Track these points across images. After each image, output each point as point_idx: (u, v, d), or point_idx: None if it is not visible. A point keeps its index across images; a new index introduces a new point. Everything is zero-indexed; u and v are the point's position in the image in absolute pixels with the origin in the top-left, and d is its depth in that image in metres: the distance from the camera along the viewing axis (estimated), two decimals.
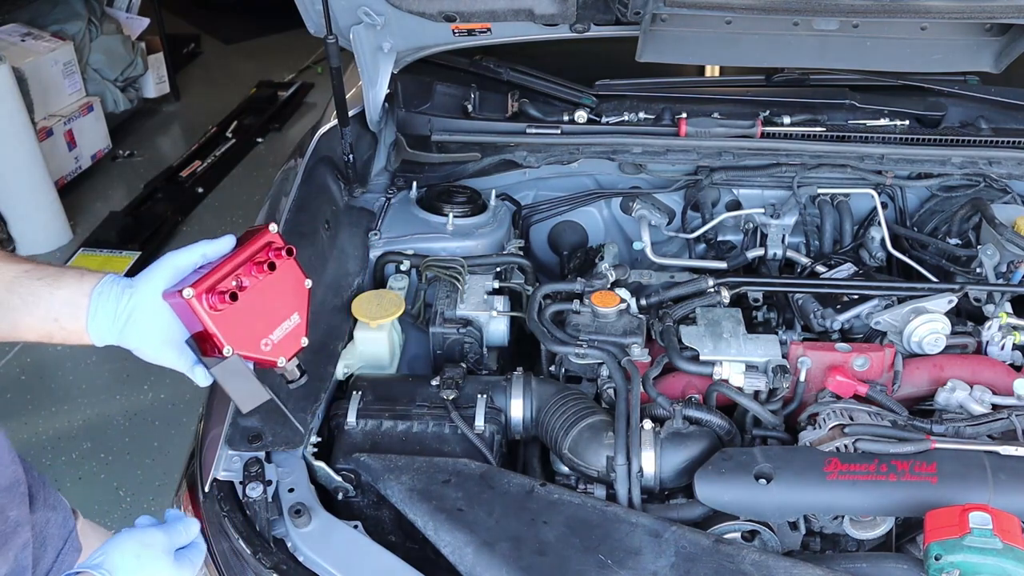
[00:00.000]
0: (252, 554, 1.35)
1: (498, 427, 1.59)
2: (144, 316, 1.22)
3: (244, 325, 1.21)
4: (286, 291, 1.26)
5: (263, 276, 1.23)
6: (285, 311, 1.26)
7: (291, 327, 1.26)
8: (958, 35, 1.99)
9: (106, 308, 1.22)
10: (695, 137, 2.13)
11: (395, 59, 2.08)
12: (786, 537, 1.46)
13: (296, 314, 1.27)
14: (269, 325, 1.24)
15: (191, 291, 1.17)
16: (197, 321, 1.19)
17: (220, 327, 1.19)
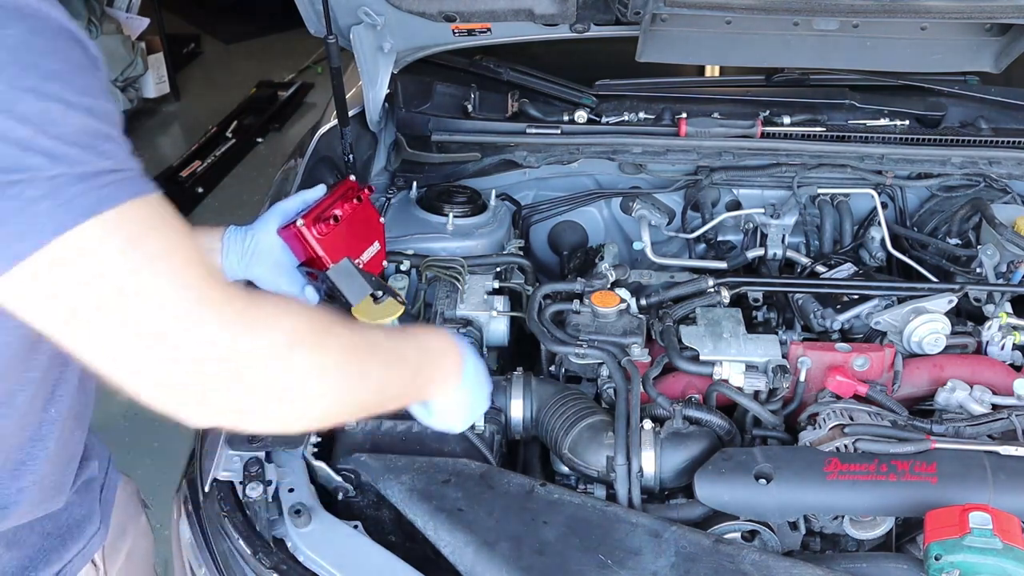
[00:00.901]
0: (252, 554, 1.35)
1: (498, 427, 1.59)
2: (263, 250, 1.54)
3: (341, 248, 1.56)
4: (368, 223, 1.65)
5: (352, 208, 1.60)
6: (368, 239, 1.65)
7: (374, 252, 1.67)
8: (958, 35, 1.99)
9: (235, 247, 1.53)
10: (695, 137, 2.13)
11: (395, 59, 2.08)
12: (786, 537, 1.46)
13: (376, 243, 1.67)
14: (359, 249, 1.63)
15: (302, 221, 1.53)
16: (305, 249, 1.54)
17: (325, 248, 1.54)
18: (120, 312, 0.86)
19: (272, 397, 0.94)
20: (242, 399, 0.93)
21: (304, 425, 1.01)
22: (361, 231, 1.64)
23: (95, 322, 0.87)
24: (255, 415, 0.96)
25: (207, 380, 0.90)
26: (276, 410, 0.95)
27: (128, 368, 0.90)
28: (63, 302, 0.85)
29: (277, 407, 0.95)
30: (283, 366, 0.93)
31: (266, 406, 0.95)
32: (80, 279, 0.85)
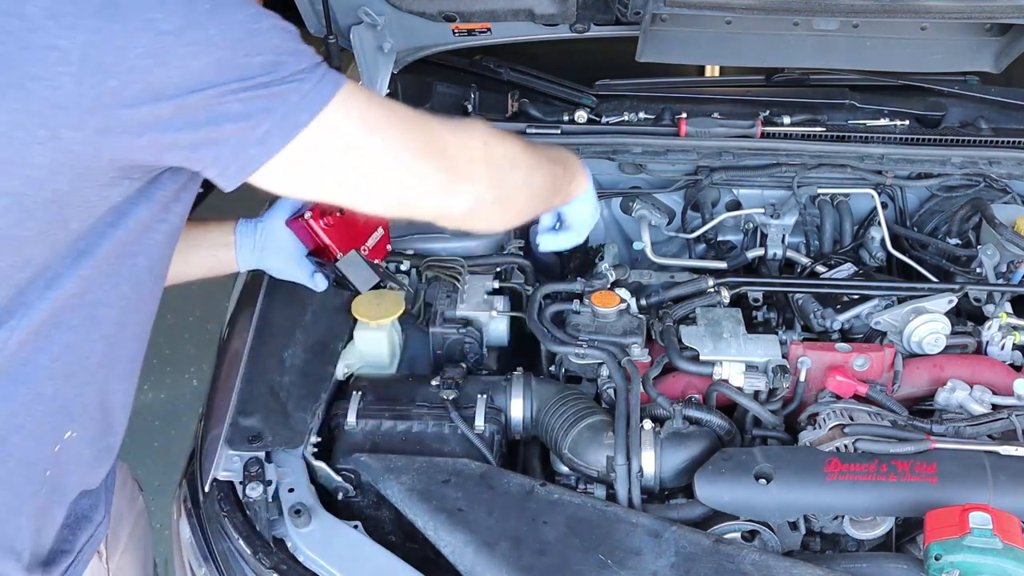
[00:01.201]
0: (252, 554, 1.35)
1: (498, 427, 1.59)
2: (273, 241, 1.63)
3: (347, 236, 1.64)
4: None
5: None
6: (372, 226, 1.73)
7: (379, 237, 1.74)
8: (958, 35, 1.99)
9: (247, 239, 1.63)
10: (695, 137, 2.13)
11: (395, 59, 2.08)
12: (786, 537, 1.46)
13: (380, 228, 1.74)
14: (364, 236, 1.71)
15: (309, 213, 1.61)
16: (313, 239, 1.62)
17: (331, 238, 1.62)
18: (362, 177, 1.15)
19: (501, 198, 1.29)
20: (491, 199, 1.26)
21: (520, 219, 1.39)
22: (365, 219, 1.70)
23: (349, 187, 1.16)
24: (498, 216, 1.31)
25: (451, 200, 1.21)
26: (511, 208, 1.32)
27: (406, 190, 1.18)
28: (333, 164, 1.12)
29: (508, 205, 1.31)
30: (498, 172, 1.27)
31: (500, 206, 1.29)
32: (340, 143, 1.10)
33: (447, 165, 1.19)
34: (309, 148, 1.07)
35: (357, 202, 1.19)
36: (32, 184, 1.00)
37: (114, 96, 0.97)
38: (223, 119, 1.02)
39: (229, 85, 1.01)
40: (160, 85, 0.98)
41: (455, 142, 1.20)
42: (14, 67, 0.94)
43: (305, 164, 1.09)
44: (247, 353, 1.63)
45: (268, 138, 1.04)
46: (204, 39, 0.99)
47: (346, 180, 1.15)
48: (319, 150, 1.08)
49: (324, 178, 1.13)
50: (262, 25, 1.03)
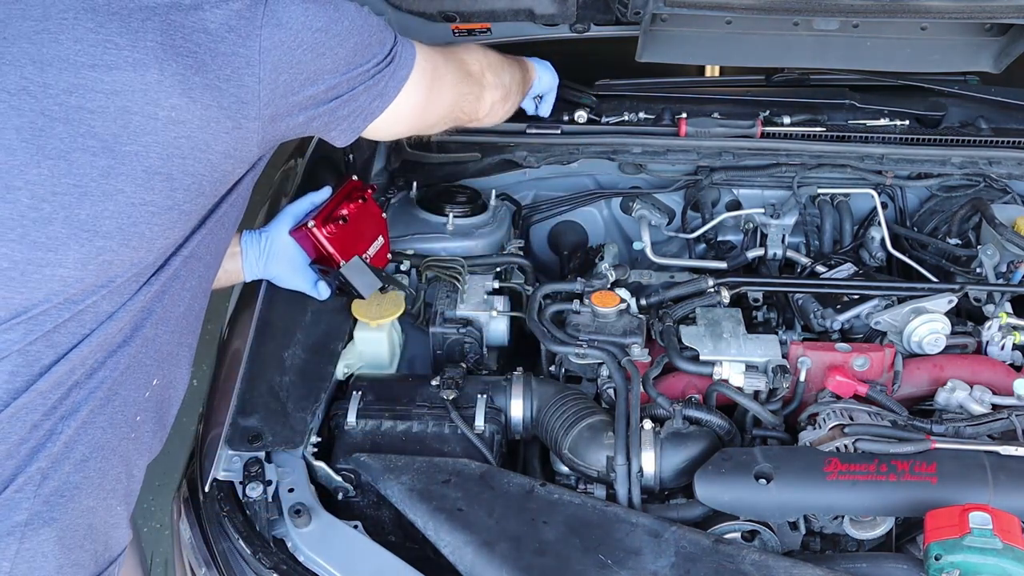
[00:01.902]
0: (252, 554, 1.35)
1: (498, 427, 1.59)
2: (278, 251, 1.69)
3: (349, 244, 1.68)
4: (372, 220, 1.77)
5: (357, 208, 1.71)
6: (373, 235, 1.77)
7: (379, 245, 1.78)
8: (958, 35, 1.99)
9: (252, 249, 1.69)
10: (695, 137, 2.13)
11: None
12: (786, 537, 1.46)
13: (380, 237, 1.79)
14: (366, 244, 1.74)
15: (313, 223, 1.65)
16: (316, 248, 1.67)
17: (335, 246, 1.66)
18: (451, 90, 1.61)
19: (503, 95, 1.80)
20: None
21: (513, 108, 1.92)
22: (367, 227, 1.74)
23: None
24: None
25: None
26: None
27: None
28: (420, 100, 1.50)
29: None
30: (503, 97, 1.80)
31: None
32: (424, 84, 1.49)
33: (476, 83, 1.67)
34: (408, 92, 1.44)
35: (427, 119, 1.58)
36: (211, 167, 1.22)
37: (284, 88, 1.24)
38: (358, 88, 1.36)
39: (364, 66, 1.35)
40: (316, 72, 1.28)
41: (475, 63, 1.67)
42: (208, 71, 1.17)
43: (403, 105, 1.44)
44: (247, 353, 1.63)
45: (386, 91, 1.41)
46: (344, 30, 1.30)
47: (426, 108, 1.53)
48: (413, 92, 1.45)
49: (414, 111, 1.49)
50: (363, 11, 1.35)
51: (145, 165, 1.16)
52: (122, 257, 1.19)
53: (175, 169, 1.19)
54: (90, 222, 1.15)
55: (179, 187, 1.20)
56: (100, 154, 1.13)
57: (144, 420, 1.30)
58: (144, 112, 1.15)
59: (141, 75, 1.14)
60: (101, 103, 1.13)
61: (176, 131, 1.17)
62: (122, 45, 1.13)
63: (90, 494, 1.22)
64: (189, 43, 1.16)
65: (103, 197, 1.15)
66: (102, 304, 1.19)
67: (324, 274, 1.70)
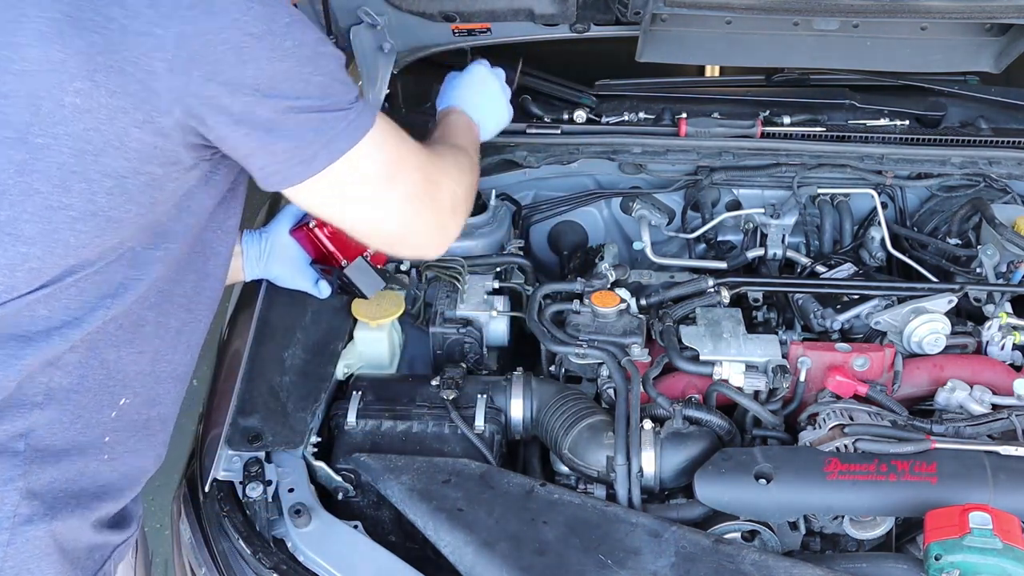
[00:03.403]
0: (252, 554, 1.35)
1: (498, 427, 1.59)
2: (278, 251, 1.67)
3: (350, 243, 1.65)
4: None
5: None
6: None
7: None
8: (958, 35, 1.99)
9: (253, 250, 1.67)
10: (695, 137, 2.13)
11: (395, 59, 2.08)
12: (786, 537, 1.46)
13: None
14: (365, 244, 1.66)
15: (314, 223, 1.63)
16: (316, 247, 1.65)
17: (336, 245, 1.64)
18: (387, 191, 1.28)
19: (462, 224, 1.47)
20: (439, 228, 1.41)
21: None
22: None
23: (369, 203, 1.28)
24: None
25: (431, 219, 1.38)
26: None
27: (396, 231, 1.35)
28: (353, 195, 1.25)
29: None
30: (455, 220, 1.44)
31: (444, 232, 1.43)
32: (366, 174, 1.24)
33: (436, 215, 1.38)
34: (341, 173, 1.20)
35: (358, 227, 1.34)
36: (132, 167, 1.09)
37: (198, 85, 1.07)
38: (278, 135, 1.13)
39: (290, 100, 1.12)
40: (237, 80, 1.08)
41: (445, 188, 1.39)
42: (116, 51, 1.02)
43: (333, 186, 1.22)
44: (247, 353, 1.63)
45: (313, 160, 1.17)
46: (281, 48, 1.11)
47: (359, 207, 1.29)
48: (348, 177, 1.22)
49: (342, 201, 1.27)
50: (326, 50, 1.17)
51: (59, 161, 1.05)
52: (50, 265, 1.09)
53: (90, 168, 1.06)
54: (10, 225, 1.05)
55: (99, 190, 1.08)
56: (15, 146, 1.03)
57: (117, 440, 1.24)
58: (52, 97, 1.02)
59: (46, 52, 1.00)
60: (13, 86, 1.01)
61: (84, 122, 1.03)
62: (32, 16, 1.00)
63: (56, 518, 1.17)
64: (99, 16, 1.01)
65: (21, 196, 1.05)
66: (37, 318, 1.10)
67: (326, 273, 1.70)
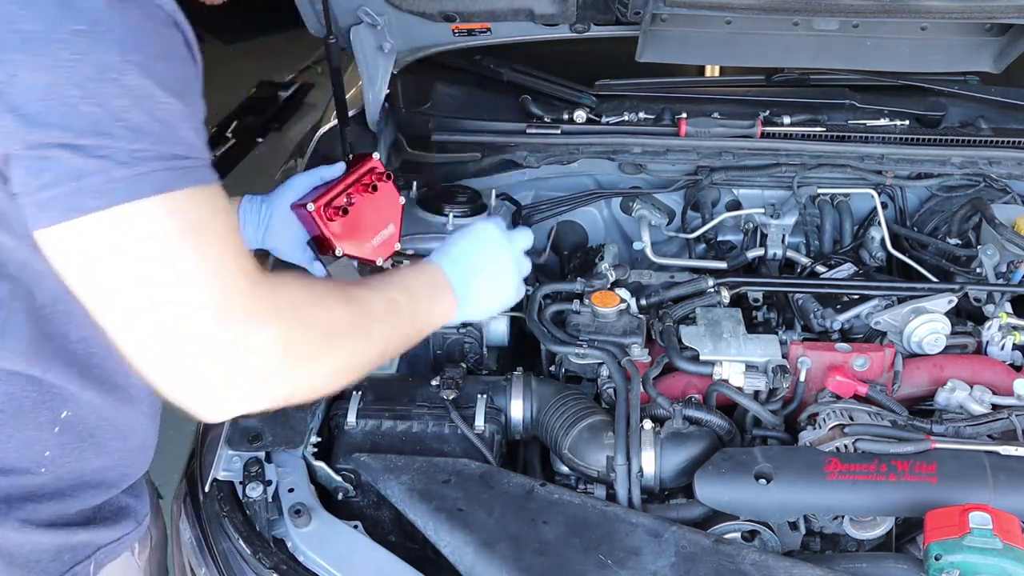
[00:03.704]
0: (252, 554, 1.35)
1: (498, 427, 1.59)
2: (277, 222, 1.57)
3: (351, 232, 1.55)
4: (384, 207, 1.60)
5: (367, 195, 1.57)
6: (383, 222, 1.60)
7: (387, 235, 1.61)
8: (958, 35, 1.99)
9: (251, 218, 1.57)
10: (695, 137, 2.13)
11: (395, 59, 2.08)
12: (786, 537, 1.46)
13: (392, 225, 1.61)
14: (370, 232, 1.59)
15: (313, 205, 1.50)
16: (316, 228, 1.52)
17: (333, 233, 1.53)
18: (154, 290, 0.94)
19: (274, 394, 1.03)
20: (245, 392, 1.00)
21: (307, 398, 1.09)
22: (375, 215, 1.60)
23: (126, 292, 0.94)
24: (258, 402, 1.03)
25: (212, 375, 0.97)
26: (279, 395, 1.03)
27: (144, 351, 0.97)
28: (107, 265, 0.93)
29: (278, 394, 1.03)
30: (282, 374, 1.01)
31: (266, 394, 1.02)
32: (131, 249, 0.92)
33: (223, 356, 0.96)
34: (83, 239, 0.91)
35: (106, 324, 0.97)
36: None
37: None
38: (13, 164, 0.91)
39: (41, 131, 0.88)
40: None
41: (252, 347, 0.97)
42: None
43: (74, 251, 0.93)
44: None
45: (47, 207, 0.91)
46: (51, 57, 0.88)
47: (107, 294, 0.95)
48: (90, 249, 0.92)
49: (89, 276, 0.95)
50: (127, 81, 0.90)
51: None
52: None
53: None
54: None
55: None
56: None
57: (58, 455, 1.19)
58: None
59: None
60: None
61: None
62: None
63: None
64: None
65: None
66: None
67: (323, 253, 1.58)
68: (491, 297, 1.41)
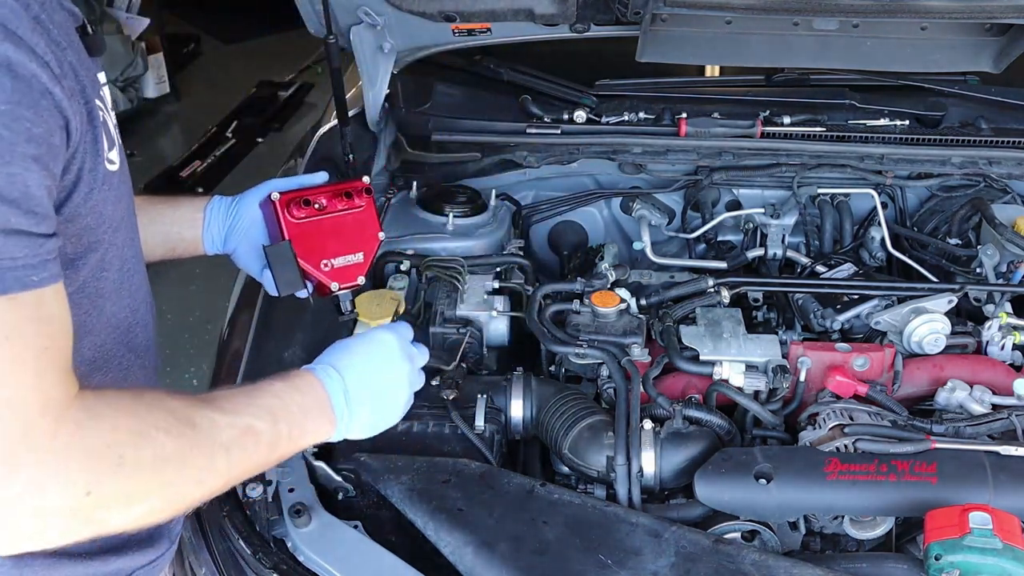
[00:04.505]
0: (252, 554, 1.35)
1: (498, 427, 1.59)
2: (244, 224, 1.44)
3: (313, 241, 1.39)
4: (358, 230, 1.44)
5: (343, 208, 1.42)
6: (352, 247, 1.43)
7: (353, 262, 1.43)
8: (958, 35, 1.99)
9: (217, 219, 1.45)
10: (695, 137, 2.13)
11: (395, 59, 2.08)
12: (786, 537, 1.46)
13: (361, 253, 1.44)
14: (334, 251, 1.41)
15: (278, 195, 1.36)
16: (276, 223, 1.37)
17: (292, 232, 1.37)
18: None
19: (73, 535, 0.92)
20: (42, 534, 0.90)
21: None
22: (346, 235, 1.44)
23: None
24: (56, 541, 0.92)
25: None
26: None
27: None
28: None
29: (77, 535, 0.92)
30: (83, 518, 0.90)
31: (61, 536, 0.91)
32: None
33: (5, 498, 0.85)
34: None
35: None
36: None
37: None
38: None
39: None
40: None
41: (45, 492, 0.86)
42: None
43: None
44: (247, 353, 1.63)
45: None
46: None
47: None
48: None
49: None
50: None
51: None
52: None
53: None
54: None
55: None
56: None
57: None
58: None
59: None
60: None
61: None
62: None
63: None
64: None
65: None
66: None
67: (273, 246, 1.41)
68: (375, 417, 1.27)
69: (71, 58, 0.93)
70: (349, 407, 1.20)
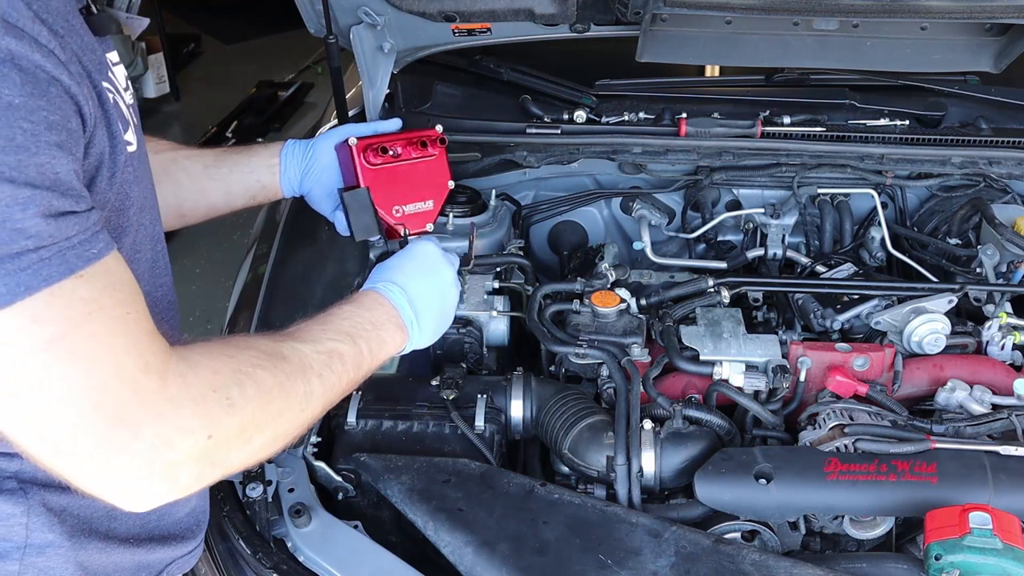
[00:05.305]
0: (252, 554, 1.35)
1: (498, 427, 1.59)
2: (319, 167, 1.52)
3: (387, 188, 1.46)
4: (430, 178, 1.52)
5: (417, 156, 1.50)
6: (423, 194, 1.52)
7: (423, 209, 1.53)
8: (958, 35, 1.99)
9: (294, 162, 1.52)
10: (695, 137, 2.13)
11: (395, 59, 2.08)
12: (786, 537, 1.46)
13: (432, 201, 1.53)
14: (407, 198, 1.50)
15: (355, 140, 1.44)
16: (352, 173, 1.44)
17: (367, 177, 1.44)
18: (40, 421, 0.84)
19: (206, 478, 0.97)
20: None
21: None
22: (417, 180, 1.52)
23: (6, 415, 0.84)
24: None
25: (128, 478, 0.89)
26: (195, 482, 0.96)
27: (50, 460, 0.87)
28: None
29: (209, 478, 0.97)
30: (210, 460, 0.95)
31: (196, 481, 0.96)
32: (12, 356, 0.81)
33: (137, 459, 0.88)
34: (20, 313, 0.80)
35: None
36: None
37: None
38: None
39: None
40: None
41: (171, 445, 0.89)
42: None
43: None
44: None
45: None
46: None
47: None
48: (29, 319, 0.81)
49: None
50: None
51: None
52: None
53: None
54: None
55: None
56: None
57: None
58: None
59: None
60: None
61: None
62: None
63: None
64: None
65: None
66: None
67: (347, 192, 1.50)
68: (436, 322, 1.37)
69: (72, 44, 0.93)
70: (417, 316, 1.30)
